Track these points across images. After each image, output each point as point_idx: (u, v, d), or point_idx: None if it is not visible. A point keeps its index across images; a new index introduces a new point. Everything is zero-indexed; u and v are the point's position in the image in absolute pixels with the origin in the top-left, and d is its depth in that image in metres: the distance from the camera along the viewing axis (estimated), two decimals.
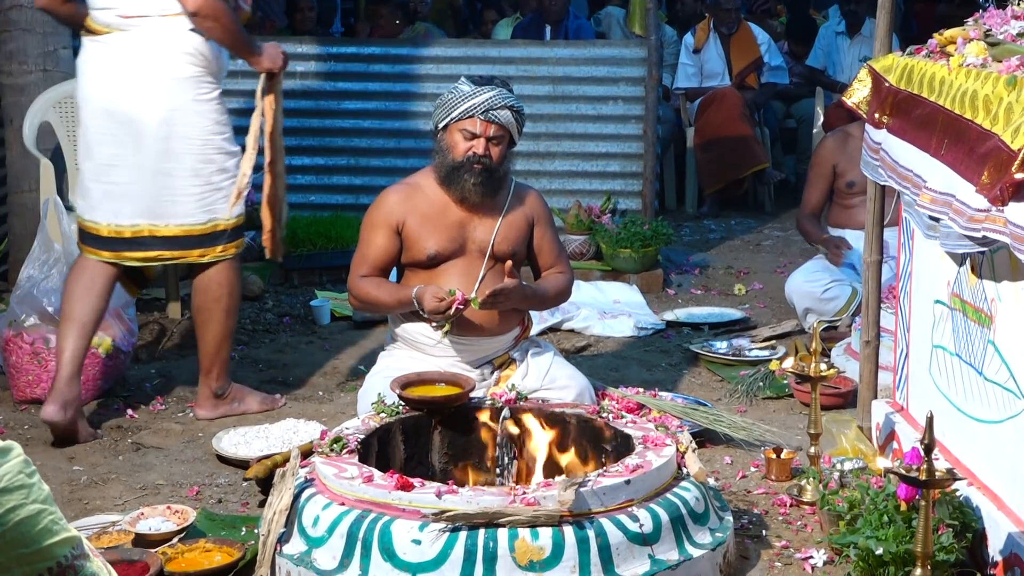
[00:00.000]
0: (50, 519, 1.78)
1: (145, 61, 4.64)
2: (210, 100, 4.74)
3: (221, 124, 4.78)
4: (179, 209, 4.73)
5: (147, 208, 4.73)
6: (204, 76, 4.71)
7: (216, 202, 4.77)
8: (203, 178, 4.74)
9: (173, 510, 3.89)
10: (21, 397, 5.07)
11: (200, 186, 4.73)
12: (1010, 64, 3.19)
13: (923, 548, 3.19)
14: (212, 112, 4.75)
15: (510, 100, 4.39)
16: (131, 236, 4.76)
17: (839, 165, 6.05)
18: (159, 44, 4.63)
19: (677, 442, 3.77)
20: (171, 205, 4.72)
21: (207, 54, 4.69)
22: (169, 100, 4.66)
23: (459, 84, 4.42)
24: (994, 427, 3.43)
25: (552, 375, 4.46)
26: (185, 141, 4.69)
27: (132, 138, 4.68)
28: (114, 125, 4.70)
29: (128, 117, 4.67)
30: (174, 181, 4.71)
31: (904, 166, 3.80)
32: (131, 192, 4.72)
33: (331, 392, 5.31)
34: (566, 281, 4.63)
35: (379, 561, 3.30)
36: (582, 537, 3.31)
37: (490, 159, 4.37)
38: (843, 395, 4.97)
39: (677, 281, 7.11)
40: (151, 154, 4.68)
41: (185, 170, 4.70)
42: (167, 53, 4.64)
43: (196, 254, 4.80)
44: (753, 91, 9.26)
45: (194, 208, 4.74)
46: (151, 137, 4.66)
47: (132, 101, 4.66)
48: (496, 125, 4.35)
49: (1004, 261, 3.30)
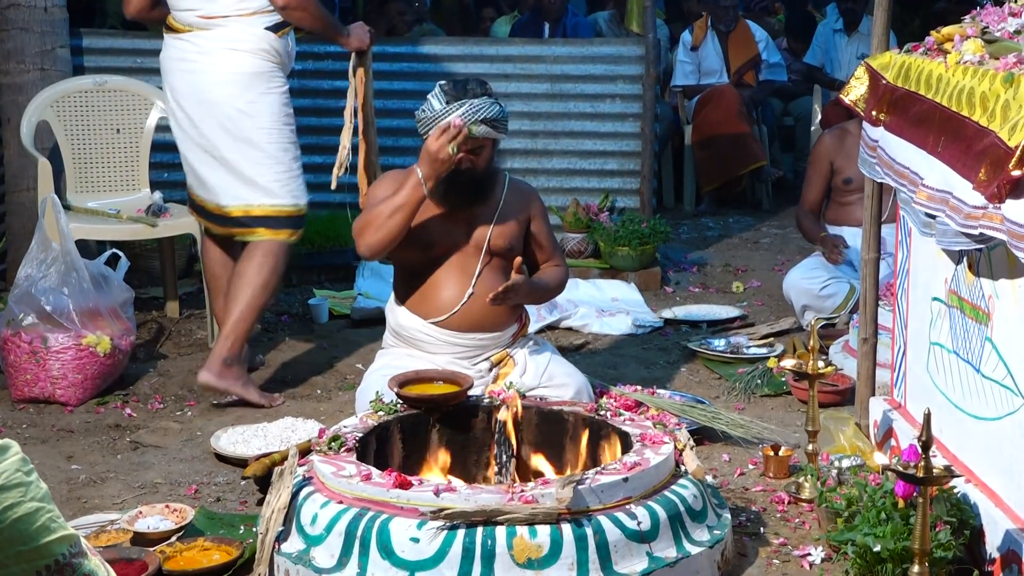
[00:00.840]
0: (48, 517, 1.78)
1: (222, 57, 5.00)
2: (280, 92, 5.09)
3: (290, 116, 5.14)
4: (248, 192, 5.08)
5: (224, 190, 5.12)
6: (275, 71, 5.06)
7: (296, 187, 5.16)
8: (284, 164, 5.11)
9: (171, 509, 3.89)
10: (19, 396, 5.07)
11: (271, 170, 5.08)
12: (1007, 61, 3.19)
13: (921, 545, 3.19)
14: (282, 104, 5.10)
15: (483, 111, 4.30)
16: (219, 214, 5.19)
17: (836, 162, 6.06)
18: (235, 42, 4.99)
19: (675, 440, 3.77)
20: (242, 188, 5.08)
21: (280, 50, 5.05)
22: (243, 93, 5.01)
23: (431, 98, 4.35)
24: (992, 424, 3.43)
25: (550, 373, 4.47)
26: (257, 131, 5.04)
27: (208, 127, 5.06)
28: (194, 115, 5.09)
29: (206, 109, 5.05)
30: (244, 167, 5.06)
31: (901, 163, 3.80)
32: (207, 176, 5.16)
33: (329, 390, 5.31)
34: (563, 274, 4.66)
35: (377, 559, 3.30)
36: (580, 535, 3.31)
37: (473, 167, 4.36)
38: (841, 392, 4.97)
39: (675, 279, 7.11)
40: (224, 142, 5.06)
41: (256, 157, 5.05)
42: (242, 50, 4.99)
43: (286, 234, 5.16)
44: (751, 89, 9.25)
45: (262, 191, 5.08)
46: (224, 127, 5.04)
47: (210, 94, 5.02)
48: (472, 139, 4.32)
49: (1001, 258, 3.30)
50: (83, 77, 6.39)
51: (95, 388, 5.10)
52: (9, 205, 6.54)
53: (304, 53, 7.32)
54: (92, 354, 5.03)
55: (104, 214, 5.89)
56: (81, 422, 4.90)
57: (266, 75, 5.02)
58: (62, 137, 6.10)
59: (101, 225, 5.84)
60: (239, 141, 5.03)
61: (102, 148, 6.17)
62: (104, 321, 5.12)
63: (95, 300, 5.11)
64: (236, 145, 5.04)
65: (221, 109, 5.02)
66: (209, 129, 5.06)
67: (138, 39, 7.27)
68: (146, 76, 6.81)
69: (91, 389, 5.08)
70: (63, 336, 5.01)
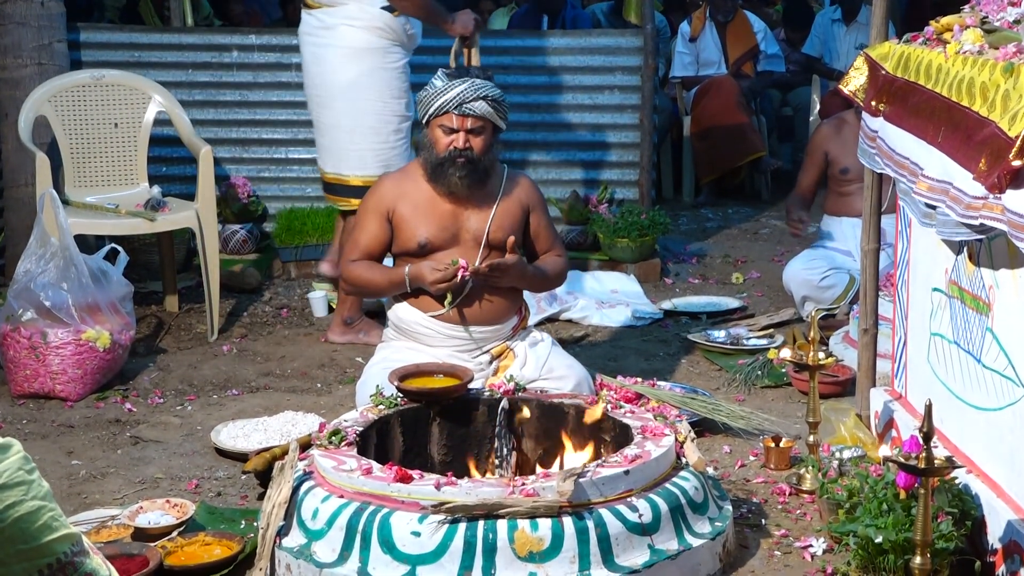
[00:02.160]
0: (50, 515, 1.78)
1: (340, 32, 5.49)
2: (394, 68, 5.54)
3: (402, 90, 5.56)
4: (356, 161, 5.54)
5: (338, 159, 5.60)
6: (390, 48, 5.51)
7: (391, 158, 5.52)
8: (381, 136, 5.52)
9: (172, 504, 3.89)
10: (19, 391, 5.07)
11: (377, 143, 5.51)
12: (1007, 51, 3.18)
13: (922, 536, 3.19)
14: (394, 79, 5.54)
15: (483, 90, 4.36)
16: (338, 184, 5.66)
17: (832, 152, 6.07)
18: (352, 19, 5.48)
19: (676, 432, 3.77)
20: (351, 157, 5.55)
21: (395, 28, 5.49)
22: (358, 65, 5.48)
23: (434, 79, 4.42)
24: (993, 414, 3.43)
25: (550, 365, 4.46)
26: (368, 102, 5.50)
27: (328, 97, 5.55)
28: (312, 84, 5.62)
29: (325, 79, 5.54)
30: (355, 137, 5.52)
31: (901, 154, 3.79)
32: (326, 145, 5.65)
33: (329, 384, 5.31)
34: (563, 264, 4.67)
35: (379, 553, 3.30)
36: (581, 528, 3.31)
37: (472, 151, 4.36)
38: (841, 383, 4.97)
39: (675, 270, 7.10)
40: (340, 113, 5.53)
41: (366, 128, 5.51)
42: (357, 26, 5.47)
43: (354, 202, 5.42)
44: (749, 79, 9.24)
45: (371, 161, 5.52)
46: (341, 98, 5.51)
47: (327, 64, 5.52)
48: (472, 117, 4.35)
49: (1002, 249, 3.30)
50: (81, 71, 6.38)
51: (95, 383, 5.10)
52: (7, 200, 6.54)
53: None
54: (91, 349, 5.02)
55: (103, 209, 5.89)
56: (81, 417, 4.90)
57: (380, 51, 5.48)
58: (60, 132, 6.09)
59: (100, 220, 5.83)
60: (344, 112, 5.49)
61: (100, 142, 6.16)
62: (103, 316, 5.11)
63: (94, 295, 5.11)
64: (341, 114, 5.50)
65: (335, 79, 5.48)
66: (322, 97, 5.55)
67: (135, 33, 7.27)
68: (143, 70, 6.82)
69: (91, 384, 5.07)
70: (62, 331, 5.01)
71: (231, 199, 6.89)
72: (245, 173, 7.15)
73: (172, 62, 7.17)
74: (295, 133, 7.23)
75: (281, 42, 7.21)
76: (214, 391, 5.20)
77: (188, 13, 7.79)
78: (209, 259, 5.83)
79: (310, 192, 7.27)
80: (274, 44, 7.22)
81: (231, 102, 7.24)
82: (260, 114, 7.24)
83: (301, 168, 7.30)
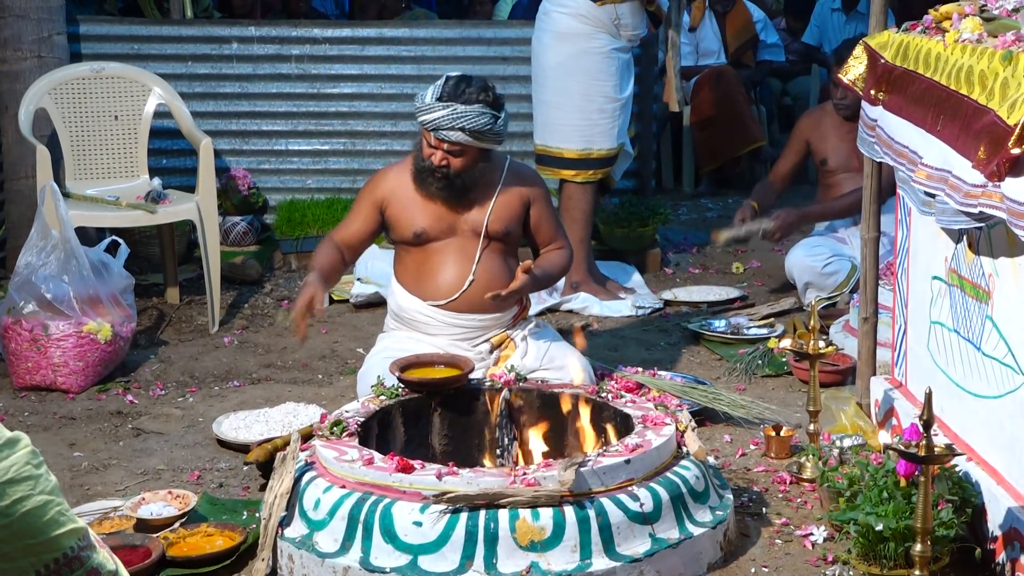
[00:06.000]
0: (57, 510, 1.78)
1: (551, 16, 6.00)
2: (599, 53, 5.95)
3: (608, 74, 5.98)
4: (562, 135, 6.02)
5: (546, 132, 6.09)
6: (594, 34, 5.93)
7: (594, 135, 6.00)
8: (584, 114, 5.96)
9: (174, 495, 3.90)
10: (21, 384, 5.08)
11: (581, 120, 5.96)
12: (1006, 39, 3.19)
13: (923, 524, 3.20)
14: (600, 62, 5.95)
15: (464, 120, 4.26)
16: (545, 154, 6.12)
17: (813, 142, 6.13)
18: (559, 5, 5.97)
19: (676, 421, 3.78)
20: (557, 131, 6.02)
21: (600, 17, 5.91)
22: (565, 48, 5.95)
23: (431, 87, 4.34)
24: (993, 402, 3.44)
25: (551, 355, 4.47)
26: (575, 82, 5.95)
27: (541, 75, 6.08)
28: (534, 65, 6.16)
29: (539, 59, 6.07)
30: (560, 113, 5.99)
31: (900, 142, 3.79)
32: (538, 119, 6.17)
33: (330, 375, 5.32)
34: (567, 256, 4.67)
35: (380, 543, 3.31)
36: (583, 517, 3.32)
37: (449, 168, 4.35)
38: (842, 372, 4.98)
39: (675, 260, 7.10)
40: (550, 90, 6.03)
41: (571, 105, 5.96)
42: (563, 12, 5.96)
43: (570, 174, 6.07)
44: (749, 69, 9.23)
45: (573, 136, 5.99)
46: (552, 76, 6.01)
47: (542, 45, 6.05)
48: (449, 143, 4.32)
49: (1001, 237, 3.30)
50: (81, 64, 6.39)
51: (96, 375, 5.10)
52: (8, 193, 6.54)
53: (301, 38, 7.33)
54: (93, 341, 5.03)
55: (103, 201, 5.89)
56: (83, 409, 4.91)
57: (583, 36, 5.92)
58: (60, 124, 6.09)
59: (100, 212, 5.83)
60: (553, 89, 5.97)
61: (100, 135, 6.17)
62: (104, 308, 5.12)
63: (95, 287, 5.11)
64: (550, 91, 5.99)
65: (546, 58, 6.00)
66: (537, 75, 6.10)
67: (135, 25, 7.26)
68: (143, 62, 6.82)
69: (92, 376, 5.08)
70: (64, 323, 5.02)
71: (231, 191, 6.89)
72: (245, 165, 7.15)
73: (172, 54, 7.16)
74: (295, 125, 7.23)
75: (280, 34, 7.21)
76: (215, 382, 5.21)
77: (187, 5, 7.78)
78: (210, 251, 5.84)
79: (310, 184, 7.28)
80: (273, 36, 7.21)
81: (231, 94, 7.24)
82: (260, 106, 7.24)
83: (301, 160, 7.30)
